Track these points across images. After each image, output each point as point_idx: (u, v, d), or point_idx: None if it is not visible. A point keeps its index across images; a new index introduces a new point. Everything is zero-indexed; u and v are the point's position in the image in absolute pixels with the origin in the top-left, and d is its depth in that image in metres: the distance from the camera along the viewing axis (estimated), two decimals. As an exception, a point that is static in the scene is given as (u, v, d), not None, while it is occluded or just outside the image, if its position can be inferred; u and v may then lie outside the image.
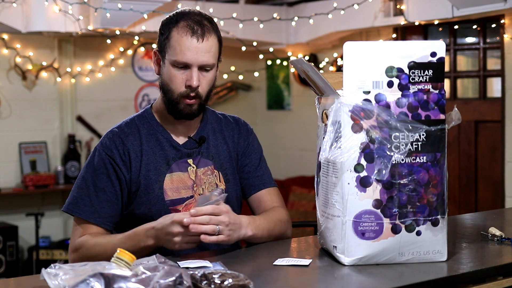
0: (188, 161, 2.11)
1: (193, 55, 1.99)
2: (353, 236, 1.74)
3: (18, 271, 5.05)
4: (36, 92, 5.36)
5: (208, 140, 2.15)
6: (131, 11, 4.54)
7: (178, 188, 2.08)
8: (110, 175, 2.06)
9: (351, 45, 1.75)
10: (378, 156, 1.72)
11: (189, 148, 2.12)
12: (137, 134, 2.10)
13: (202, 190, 2.10)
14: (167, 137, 2.11)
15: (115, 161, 2.06)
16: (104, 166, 2.06)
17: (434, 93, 1.76)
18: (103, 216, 2.04)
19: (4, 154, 5.26)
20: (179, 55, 2.00)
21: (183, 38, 2.00)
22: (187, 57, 1.99)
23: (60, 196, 5.47)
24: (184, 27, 2.00)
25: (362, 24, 4.97)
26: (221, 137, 2.19)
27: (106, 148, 2.08)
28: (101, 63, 5.55)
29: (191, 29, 2.00)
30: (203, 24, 2.02)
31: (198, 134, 2.15)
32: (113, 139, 2.09)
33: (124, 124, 2.13)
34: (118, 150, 2.07)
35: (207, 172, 2.12)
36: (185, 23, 2.01)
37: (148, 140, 2.10)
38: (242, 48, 5.36)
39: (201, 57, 2.00)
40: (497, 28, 4.65)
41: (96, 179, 2.06)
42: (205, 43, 2.00)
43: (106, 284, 1.36)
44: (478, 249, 1.93)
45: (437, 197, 1.76)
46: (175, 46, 2.00)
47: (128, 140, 2.09)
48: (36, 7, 4.66)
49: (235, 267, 1.71)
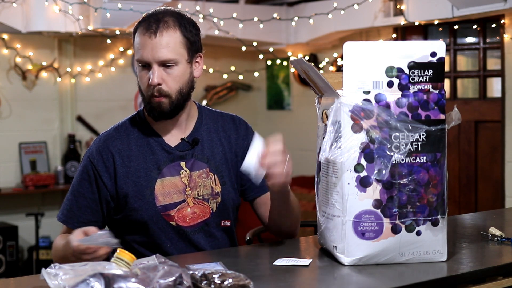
0: (181, 164, 2.07)
1: (148, 51, 1.98)
2: (353, 236, 1.74)
3: (18, 271, 5.05)
4: (36, 92, 5.36)
5: (202, 142, 2.12)
6: (131, 11, 4.54)
7: (169, 193, 2.05)
8: (91, 182, 2.06)
9: (351, 45, 1.75)
10: (378, 156, 1.72)
11: (181, 150, 2.09)
12: (126, 139, 2.08)
13: (197, 193, 2.07)
14: (158, 140, 2.08)
15: (97, 168, 2.05)
16: (86, 172, 2.07)
17: (434, 93, 1.76)
18: (82, 221, 2.03)
19: (4, 154, 5.26)
20: (137, 54, 2.02)
21: (139, 37, 2.01)
22: (142, 54, 1.99)
23: (60, 196, 5.46)
24: (142, 26, 2.01)
25: (362, 24, 4.97)
26: (217, 138, 2.15)
27: (91, 155, 2.08)
28: (101, 63, 5.55)
29: (146, 27, 1.99)
30: (162, 20, 2.00)
31: (192, 136, 2.11)
32: (99, 145, 2.09)
33: (114, 128, 2.12)
34: (102, 156, 2.06)
35: (202, 175, 2.09)
36: (145, 22, 2.01)
37: (138, 144, 2.08)
38: (242, 48, 5.36)
39: (156, 53, 1.97)
40: (497, 28, 4.65)
41: (78, 185, 2.07)
42: (160, 38, 1.97)
43: (106, 284, 1.36)
44: (478, 249, 1.93)
45: (437, 197, 1.76)
46: (136, 46, 2.03)
47: (115, 145, 2.07)
48: (36, 7, 4.66)
49: (235, 267, 1.71)
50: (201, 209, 2.07)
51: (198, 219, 2.07)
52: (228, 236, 2.15)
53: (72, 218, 2.05)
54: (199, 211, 2.07)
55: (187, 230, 2.05)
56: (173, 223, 2.04)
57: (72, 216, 2.05)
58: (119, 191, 2.04)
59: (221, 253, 1.94)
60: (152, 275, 1.41)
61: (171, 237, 2.05)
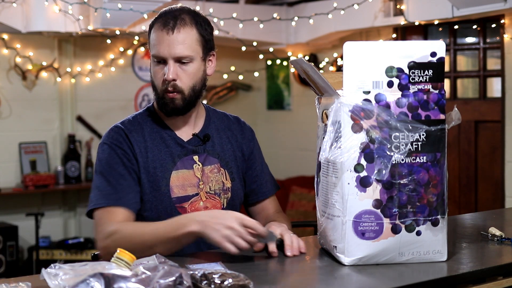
0: (194, 158, 2.11)
1: (165, 47, 2.01)
2: (353, 236, 1.74)
3: (18, 271, 5.05)
4: (36, 92, 5.36)
5: (212, 138, 2.15)
6: (131, 11, 4.54)
7: (184, 186, 2.07)
8: (124, 163, 2.02)
9: (351, 45, 1.75)
10: (378, 156, 1.72)
11: (194, 145, 2.12)
12: (140, 131, 2.09)
13: (209, 187, 2.10)
14: (171, 134, 2.11)
15: (125, 150, 2.04)
16: (117, 156, 2.03)
17: (434, 93, 1.76)
18: (129, 201, 1.98)
19: (4, 154, 5.25)
20: (153, 49, 2.04)
21: (157, 32, 2.04)
22: (159, 50, 2.02)
23: (60, 196, 5.46)
24: (159, 22, 2.05)
25: (362, 24, 4.97)
26: (225, 136, 2.19)
27: (114, 139, 2.06)
28: (101, 63, 5.55)
29: (163, 23, 2.03)
30: (179, 17, 2.03)
31: (203, 132, 2.15)
32: (118, 132, 2.07)
33: (127, 121, 2.12)
34: (125, 141, 2.06)
35: (213, 170, 2.12)
36: (162, 18, 2.05)
37: (152, 137, 2.09)
38: (242, 48, 5.36)
39: (173, 49, 2.01)
40: (497, 28, 4.65)
41: (113, 169, 2.01)
42: (177, 35, 2.01)
43: (106, 284, 1.36)
44: (478, 249, 1.93)
45: (437, 197, 1.76)
46: (152, 41, 2.05)
47: (132, 136, 2.07)
48: (36, 7, 4.66)
49: (235, 267, 1.71)
50: (213, 203, 2.10)
51: None
52: None
53: (118, 200, 1.97)
54: (211, 206, 2.10)
55: None
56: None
57: (119, 198, 1.97)
58: (139, 179, 2.04)
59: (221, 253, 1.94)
60: (152, 275, 1.41)
61: None
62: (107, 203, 1.97)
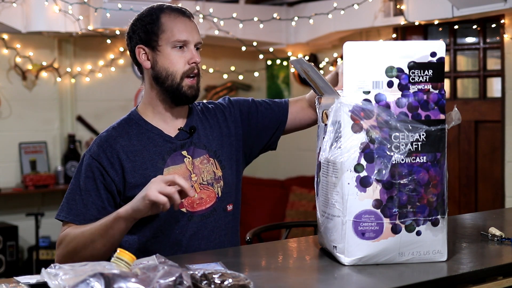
0: (183, 152, 2.12)
1: (189, 32, 2.10)
2: (353, 236, 1.74)
3: (18, 271, 5.05)
4: (36, 92, 5.36)
5: (198, 130, 2.18)
6: (131, 11, 4.53)
7: None
8: (95, 178, 2.05)
9: (351, 45, 1.75)
10: (378, 156, 1.72)
11: (181, 139, 2.14)
12: (126, 136, 2.11)
13: (202, 179, 2.12)
14: (158, 132, 2.12)
15: (102, 164, 2.06)
16: (90, 170, 2.06)
17: (434, 93, 1.76)
18: (89, 218, 2.02)
19: (4, 154, 5.25)
20: (177, 34, 2.08)
21: (177, 19, 2.10)
22: (185, 35, 2.09)
23: (60, 196, 5.46)
24: (173, 11, 2.11)
25: (362, 24, 4.97)
26: (208, 126, 2.21)
27: (93, 153, 2.08)
28: (101, 63, 5.55)
29: (178, 11, 2.12)
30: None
31: (188, 125, 2.17)
32: (100, 144, 2.09)
33: (112, 128, 2.14)
34: (106, 153, 2.07)
35: (203, 161, 2.15)
36: (170, 8, 2.12)
37: (139, 139, 2.10)
38: (242, 48, 5.36)
39: (196, 34, 2.12)
40: (497, 28, 4.65)
41: (82, 182, 2.06)
42: (193, 22, 2.14)
43: (106, 284, 1.36)
44: (478, 249, 1.93)
45: (437, 197, 1.76)
46: (171, 28, 2.08)
47: (117, 142, 2.09)
48: (36, 7, 4.66)
49: (235, 267, 1.71)
50: (207, 194, 2.12)
51: (206, 204, 2.11)
52: (233, 222, 2.19)
53: (78, 216, 2.03)
54: (205, 196, 2.11)
55: (196, 215, 2.09)
56: (183, 209, 2.07)
57: (78, 213, 2.03)
58: (128, 184, 2.05)
59: (221, 253, 1.94)
60: (152, 275, 1.41)
61: (181, 224, 2.07)
62: (65, 218, 2.05)
